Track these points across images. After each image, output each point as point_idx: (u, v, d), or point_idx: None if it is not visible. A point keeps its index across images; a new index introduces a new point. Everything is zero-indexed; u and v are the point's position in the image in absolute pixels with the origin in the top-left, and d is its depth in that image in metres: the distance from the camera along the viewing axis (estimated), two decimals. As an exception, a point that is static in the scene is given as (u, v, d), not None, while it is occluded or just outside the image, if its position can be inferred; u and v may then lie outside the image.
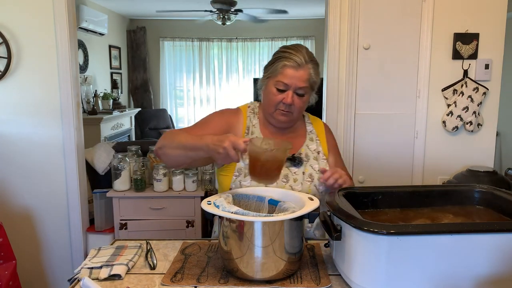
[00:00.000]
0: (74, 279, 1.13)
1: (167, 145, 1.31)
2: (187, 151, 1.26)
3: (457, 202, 1.26)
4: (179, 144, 1.27)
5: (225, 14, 5.40)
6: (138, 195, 2.53)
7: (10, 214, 2.46)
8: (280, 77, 1.37)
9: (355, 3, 2.33)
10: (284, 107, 1.39)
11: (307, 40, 6.87)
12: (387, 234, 0.91)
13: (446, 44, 2.37)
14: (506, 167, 4.54)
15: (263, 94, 1.46)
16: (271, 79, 1.40)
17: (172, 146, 1.29)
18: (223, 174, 1.44)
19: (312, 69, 1.39)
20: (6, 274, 2.10)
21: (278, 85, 1.38)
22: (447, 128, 2.40)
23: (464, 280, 0.94)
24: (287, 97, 1.37)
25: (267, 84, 1.42)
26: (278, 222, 1.04)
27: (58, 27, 2.31)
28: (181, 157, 1.30)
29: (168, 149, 1.31)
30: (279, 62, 1.38)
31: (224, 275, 1.11)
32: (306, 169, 1.44)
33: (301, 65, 1.36)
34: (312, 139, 1.53)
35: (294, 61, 1.36)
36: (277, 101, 1.39)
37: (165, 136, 1.35)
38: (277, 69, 1.37)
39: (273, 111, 1.42)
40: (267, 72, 1.43)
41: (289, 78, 1.36)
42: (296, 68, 1.36)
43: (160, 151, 1.34)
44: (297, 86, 1.37)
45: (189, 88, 7.12)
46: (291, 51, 1.38)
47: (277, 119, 1.43)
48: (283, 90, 1.38)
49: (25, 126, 2.40)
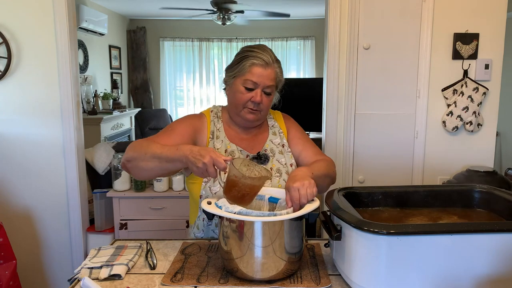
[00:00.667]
0: (74, 279, 1.13)
1: (137, 158, 1.25)
2: (163, 163, 1.20)
3: (457, 202, 1.26)
4: (153, 155, 1.21)
5: (225, 14, 5.40)
6: (138, 195, 2.53)
7: (10, 214, 2.46)
8: (248, 75, 1.36)
9: (355, 3, 2.33)
10: (253, 105, 1.38)
11: (307, 40, 6.87)
12: (387, 234, 0.91)
13: (446, 44, 2.37)
14: (506, 167, 4.54)
15: (229, 94, 1.45)
16: (238, 78, 1.39)
17: (145, 158, 1.23)
18: (192, 181, 1.42)
19: (278, 68, 1.41)
20: (6, 274, 2.10)
21: (246, 83, 1.37)
22: (447, 128, 2.40)
23: (464, 280, 0.94)
24: (256, 96, 1.37)
25: (233, 84, 1.41)
26: (278, 222, 1.04)
27: (58, 27, 2.31)
28: (155, 170, 1.24)
29: (139, 161, 1.24)
30: (247, 60, 1.37)
31: (224, 275, 1.11)
32: (273, 164, 1.44)
33: (269, 63, 1.37)
34: (275, 133, 1.52)
35: (262, 60, 1.36)
36: (246, 100, 1.38)
37: (133, 147, 1.28)
38: (245, 67, 1.37)
39: (241, 110, 1.40)
40: (233, 72, 1.41)
41: (258, 77, 1.36)
42: (264, 67, 1.36)
43: (130, 164, 1.27)
44: (265, 84, 1.37)
45: (189, 88, 7.12)
46: (258, 50, 1.38)
47: (245, 118, 1.41)
48: (251, 89, 1.37)
49: (25, 126, 2.40)
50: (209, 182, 1.38)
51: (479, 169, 2.26)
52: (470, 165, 2.41)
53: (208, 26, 6.63)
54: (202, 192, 1.39)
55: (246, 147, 1.46)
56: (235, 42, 6.95)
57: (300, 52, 6.96)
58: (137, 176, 1.32)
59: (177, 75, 7.11)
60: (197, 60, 7.02)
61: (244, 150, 1.44)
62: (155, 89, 7.02)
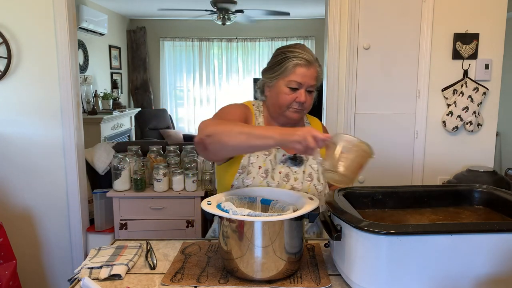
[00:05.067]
0: (74, 279, 1.13)
1: (221, 132, 1.18)
2: (251, 138, 1.15)
3: (457, 202, 1.26)
4: (241, 131, 1.17)
5: (225, 14, 5.40)
6: (138, 195, 2.53)
7: (10, 214, 2.46)
8: (292, 76, 1.37)
9: (355, 3, 2.33)
10: (297, 105, 1.39)
11: (307, 40, 6.86)
12: (387, 234, 0.91)
13: (446, 44, 2.37)
14: (506, 167, 4.54)
15: (271, 95, 1.45)
16: (281, 79, 1.39)
17: (231, 133, 1.17)
18: (225, 171, 1.43)
19: (319, 67, 1.41)
20: (6, 274, 2.10)
21: (290, 84, 1.37)
22: (447, 128, 2.40)
23: (464, 280, 0.94)
24: (301, 96, 1.37)
25: (276, 85, 1.41)
26: (278, 222, 1.04)
27: (58, 27, 2.31)
28: (240, 146, 1.18)
29: (223, 136, 1.17)
30: (290, 61, 1.37)
31: (224, 275, 1.11)
32: (305, 168, 1.44)
33: (311, 62, 1.37)
34: None
35: (305, 60, 1.36)
36: (290, 101, 1.39)
37: (214, 124, 1.24)
38: (289, 68, 1.37)
39: (285, 111, 1.41)
40: (274, 73, 1.41)
41: (302, 77, 1.36)
42: (307, 67, 1.37)
43: (210, 139, 1.20)
44: (309, 84, 1.38)
45: (189, 88, 7.12)
46: (299, 50, 1.38)
47: (290, 117, 1.42)
48: (295, 89, 1.38)
49: (25, 126, 2.40)
50: (243, 173, 1.39)
51: (479, 169, 2.26)
52: (470, 165, 2.41)
53: (208, 26, 6.62)
54: (235, 182, 1.39)
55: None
56: (235, 42, 6.95)
57: (300, 52, 6.96)
58: (214, 152, 1.24)
59: (177, 75, 7.11)
60: (197, 60, 7.02)
61: (281, 149, 1.44)
62: (155, 89, 7.02)
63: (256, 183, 1.36)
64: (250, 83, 6.84)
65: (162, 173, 2.51)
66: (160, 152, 2.72)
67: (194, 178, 2.54)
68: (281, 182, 1.39)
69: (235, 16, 5.53)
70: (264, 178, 1.37)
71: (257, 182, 1.37)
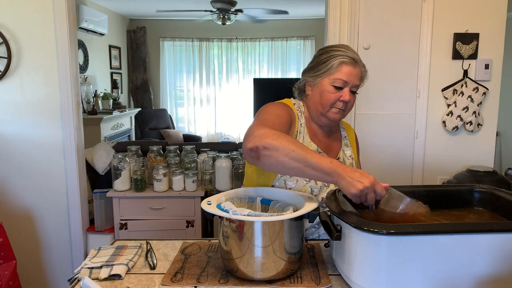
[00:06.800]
0: (74, 279, 1.13)
1: (279, 150, 1.11)
2: (307, 168, 1.09)
3: (457, 202, 1.26)
4: (299, 157, 1.09)
5: (225, 14, 5.40)
6: (138, 195, 2.53)
7: (10, 214, 2.46)
8: (338, 74, 1.33)
9: (355, 3, 2.33)
10: (341, 105, 1.36)
11: (307, 40, 6.87)
12: (387, 234, 0.91)
13: (446, 44, 2.37)
14: (506, 167, 4.54)
15: (313, 94, 1.40)
16: (325, 78, 1.35)
17: (288, 155, 1.10)
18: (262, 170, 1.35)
19: (363, 67, 1.39)
20: (6, 274, 2.10)
21: (335, 82, 1.34)
22: (447, 128, 2.40)
23: (464, 280, 0.94)
24: (345, 95, 1.34)
25: (320, 83, 1.37)
26: (278, 222, 1.04)
27: (58, 27, 2.31)
28: (292, 170, 1.12)
29: (280, 155, 1.11)
30: (335, 59, 1.34)
31: (224, 275, 1.11)
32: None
33: (357, 62, 1.35)
34: (346, 144, 1.51)
35: (350, 58, 1.33)
36: (335, 99, 1.35)
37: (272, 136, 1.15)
38: (334, 66, 1.34)
39: (328, 110, 1.37)
40: (318, 71, 1.37)
41: (348, 75, 1.33)
42: (354, 65, 1.34)
43: (266, 152, 1.13)
44: (354, 83, 1.35)
45: (189, 88, 7.12)
46: (344, 49, 1.36)
47: (331, 118, 1.39)
48: (340, 88, 1.35)
49: (25, 126, 2.40)
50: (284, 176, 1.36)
51: (479, 169, 2.26)
52: (470, 165, 2.41)
53: (208, 26, 6.62)
54: (276, 183, 1.37)
55: (324, 149, 1.43)
56: (235, 42, 6.95)
57: (300, 52, 6.96)
58: (264, 165, 1.17)
59: (177, 75, 7.11)
60: (197, 60, 7.02)
61: (323, 152, 1.42)
62: (155, 89, 7.02)
63: (299, 187, 1.35)
64: (250, 83, 6.84)
65: (162, 173, 2.51)
66: (160, 152, 2.72)
67: (194, 178, 2.54)
68: (322, 187, 1.38)
69: (235, 16, 5.53)
70: (307, 181, 1.36)
71: (300, 185, 1.35)
